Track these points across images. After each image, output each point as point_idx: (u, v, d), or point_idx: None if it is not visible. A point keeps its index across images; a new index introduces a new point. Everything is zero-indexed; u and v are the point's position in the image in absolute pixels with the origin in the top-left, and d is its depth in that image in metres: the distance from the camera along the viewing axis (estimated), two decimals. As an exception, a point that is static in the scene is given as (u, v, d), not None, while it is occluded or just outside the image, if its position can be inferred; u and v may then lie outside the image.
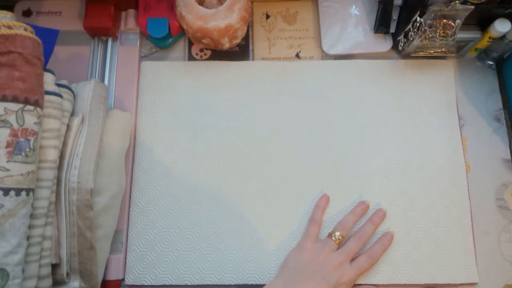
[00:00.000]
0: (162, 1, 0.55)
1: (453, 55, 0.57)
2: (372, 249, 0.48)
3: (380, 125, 0.55)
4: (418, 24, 0.49)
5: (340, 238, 0.48)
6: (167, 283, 0.49)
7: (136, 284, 0.49)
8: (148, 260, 0.49)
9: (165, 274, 0.49)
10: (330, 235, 0.48)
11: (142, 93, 0.56)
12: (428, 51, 0.54)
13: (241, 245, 0.50)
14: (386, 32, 0.57)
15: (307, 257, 0.47)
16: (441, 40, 0.50)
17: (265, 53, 0.58)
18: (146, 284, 0.49)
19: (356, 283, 0.48)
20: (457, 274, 0.49)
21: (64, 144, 0.43)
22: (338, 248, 0.47)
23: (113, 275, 0.49)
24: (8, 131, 0.37)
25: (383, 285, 0.49)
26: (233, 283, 0.49)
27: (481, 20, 0.53)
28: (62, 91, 0.44)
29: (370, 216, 0.50)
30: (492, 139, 0.55)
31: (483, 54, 0.57)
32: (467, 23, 0.51)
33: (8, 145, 0.37)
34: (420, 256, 0.50)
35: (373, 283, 0.49)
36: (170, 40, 0.57)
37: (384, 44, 0.58)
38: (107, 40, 0.57)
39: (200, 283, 0.49)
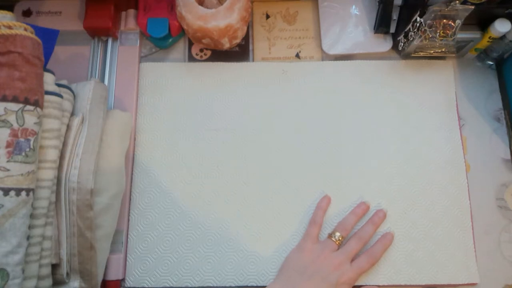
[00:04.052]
0: (162, 1, 0.55)
1: (453, 55, 0.57)
2: (373, 248, 0.48)
3: (380, 125, 0.55)
4: (418, 24, 0.49)
5: (340, 238, 0.48)
6: (168, 285, 0.48)
7: (137, 286, 0.49)
8: (149, 262, 0.49)
9: (165, 276, 0.49)
10: (330, 235, 0.48)
11: (141, 94, 0.56)
12: (428, 51, 0.54)
13: (242, 247, 0.50)
14: (386, 32, 0.57)
15: (307, 258, 0.47)
16: (441, 40, 0.50)
17: (265, 53, 0.58)
18: (146, 286, 0.48)
19: (358, 284, 0.48)
20: (458, 274, 0.49)
21: (64, 144, 0.43)
22: (338, 249, 0.47)
23: (113, 275, 0.48)
24: (8, 131, 0.37)
25: (383, 286, 0.49)
26: (233, 285, 0.49)
27: (481, 20, 0.53)
28: (62, 91, 0.44)
29: (371, 217, 0.50)
30: (492, 139, 0.55)
31: (483, 54, 0.57)
32: (467, 23, 0.51)
33: (8, 145, 0.37)
34: (420, 256, 0.50)
35: (374, 284, 0.49)
36: (170, 40, 0.57)
37: (384, 44, 0.58)
38: (107, 40, 0.57)
39: (200, 285, 0.49)
